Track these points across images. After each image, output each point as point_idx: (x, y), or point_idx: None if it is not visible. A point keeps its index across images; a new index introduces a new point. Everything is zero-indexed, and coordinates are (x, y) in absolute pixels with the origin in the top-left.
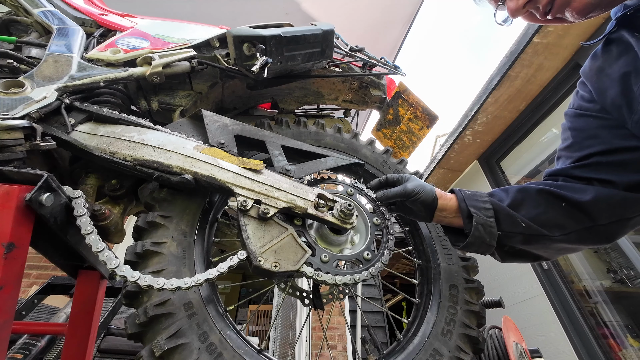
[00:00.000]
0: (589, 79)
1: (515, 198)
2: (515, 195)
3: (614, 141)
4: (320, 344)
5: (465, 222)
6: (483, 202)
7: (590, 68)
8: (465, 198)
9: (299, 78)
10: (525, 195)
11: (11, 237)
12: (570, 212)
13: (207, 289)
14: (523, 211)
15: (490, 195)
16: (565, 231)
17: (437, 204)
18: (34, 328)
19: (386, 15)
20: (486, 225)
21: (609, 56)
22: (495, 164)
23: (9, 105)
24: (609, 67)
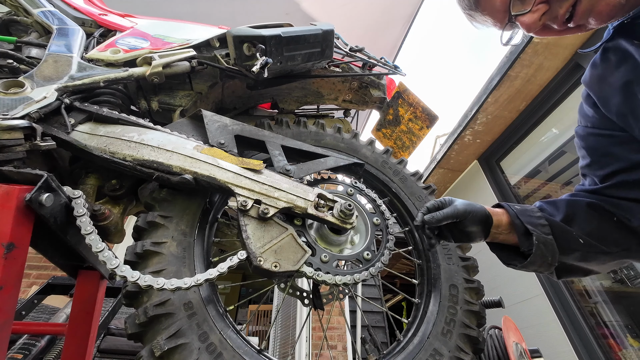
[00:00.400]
0: (592, 88)
1: (567, 212)
2: (567, 210)
3: (631, 157)
4: (320, 344)
5: (522, 239)
6: (537, 217)
7: (592, 77)
8: (518, 214)
9: (299, 78)
10: (576, 210)
11: (11, 237)
12: (622, 230)
13: (207, 289)
14: (576, 226)
15: (540, 210)
16: (622, 247)
17: (492, 220)
18: (34, 328)
19: (386, 15)
20: (547, 243)
21: (609, 65)
22: (495, 164)
23: (9, 105)
24: (610, 76)
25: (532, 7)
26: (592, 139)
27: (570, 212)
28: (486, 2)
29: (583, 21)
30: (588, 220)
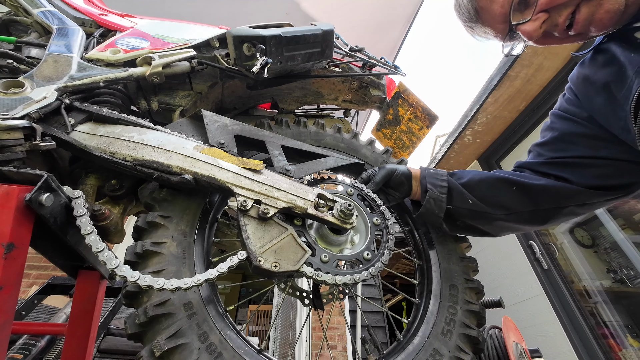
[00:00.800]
0: (576, 86)
1: (472, 179)
2: (472, 177)
3: (588, 150)
4: (320, 344)
5: (422, 195)
6: (441, 180)
7: (578, 76)
8: (427, 175)
9: (299, 78)
10: (484, 179)
11: (11, 237)
12: (518, 196)
13: (207, 289)
14: (476, 191)
15: (450, 175)
16: (508, 212)
17: (411, 175)
18: (34, 328)
19: (386, 15)
20: (437, 200)
21: (595, 65)
22: (495, 164)
23: (8, 106)
24: (593, 75)
25: (532, 16)
26: (565, 123)
27: (475, 179)
28: (486, 13)
29: (584, 29)
30: (488, 188)
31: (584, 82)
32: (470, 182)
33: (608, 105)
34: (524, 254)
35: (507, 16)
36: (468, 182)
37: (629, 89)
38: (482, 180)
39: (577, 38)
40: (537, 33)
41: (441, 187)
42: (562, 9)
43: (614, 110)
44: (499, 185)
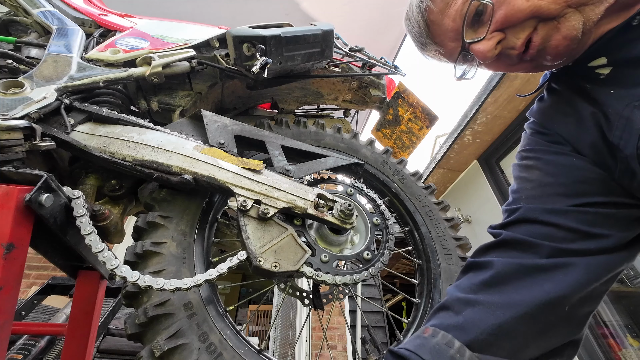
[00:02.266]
0: (547, 119)
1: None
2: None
3: (604, 192)
4: (320, 344)
5: None
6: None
7: (543, 109)
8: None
9: (299, 78)
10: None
11: (11, 237)
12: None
13: (207, 289)
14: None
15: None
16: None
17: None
18: (34, 328)
19: (386, 15)
20: None
21: (561, 100)
22: (495, 164)
23: (8, 106)
24: (569, 106)
25: (486, 35)
26: (561, 157)
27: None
28: (437, 28)
29: (538, 55)
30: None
31: (557, 114)
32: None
33: (602, 142)
34: None
35: (460, 33)
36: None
37: (624, 128)
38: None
39: (530, 65)
40: (492, 54)
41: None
42: (519, 31)
43: (609, 151)
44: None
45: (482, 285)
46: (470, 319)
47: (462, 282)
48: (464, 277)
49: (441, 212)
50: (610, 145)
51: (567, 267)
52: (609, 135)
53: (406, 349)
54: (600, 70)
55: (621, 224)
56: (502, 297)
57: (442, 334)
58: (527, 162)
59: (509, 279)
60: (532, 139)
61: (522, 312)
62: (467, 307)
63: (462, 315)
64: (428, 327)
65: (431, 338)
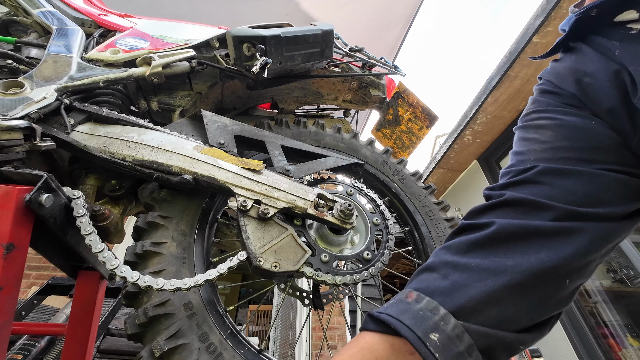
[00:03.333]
0: (563, 79)
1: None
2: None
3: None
4: (320, 344)
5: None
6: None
7: (558, 69)
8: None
9: (299, 78)
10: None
11: (11, 237)
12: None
13: (207, 290)
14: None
15: (436, 307)
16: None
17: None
18: (34, 329)
19: (386, 16)
20: None
21: (582, 56)
22: (495, 164)
23: (8, 106)
24: (589, 66)
25: None
26: (579, 119)
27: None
28: None
29: None
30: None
31: (574, 75)
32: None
33: (622, 105)
34: None
35: None
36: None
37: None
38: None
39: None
40: None
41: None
42: None
43: (629, 116)
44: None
45: (472, 245)
46: (457, 284)
47: (452, 243)
48: (455, 239)
49: (441, 212)
50: (633, 109)
51: (571, 233)
52: (633, 98)
53: (388, 314)
54: (631, 25)
55: (631, 193)
56: (493, 261)
57: (427, 299)
58: (537, 121)
59: (505, 241)
60: (542, 100)
61: (515, 281)
62: (455, 271)
63: (448, 280)
64: (412, 292)
65: (415, 304)
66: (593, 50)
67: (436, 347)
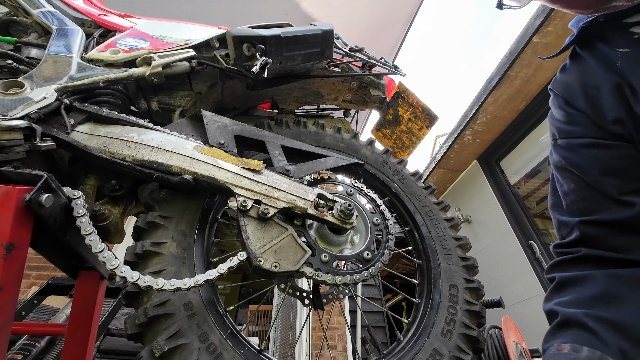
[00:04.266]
0: (572, 93)
1: None
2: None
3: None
4: (320, 344)
5: None
6: None
7: (566, 83)
8: None
9: (299, 78)
10: None
11: (11, 237)
12: None
13: (207, 290)
14: None
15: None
16: None
17: None
18: (34, 329)
19: (386, 15)
20: None
21: (587, 67)
22: (495, 164)
23: (8, 106)
24: (593, 79)
25: None
26: (582, 153)
27: None
28: None
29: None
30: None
31: (582, 88)
32: None
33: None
34: (524, 254)
35: None
36: None
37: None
38: None
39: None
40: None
41: None
42: None
43: (634, 125)
44: None
45: (593, 300)
46: (604, 336)
47: (565, 299)
48: (563, 294)
49: (441, 212)
50: (637, 118)
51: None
52: (636, 108)
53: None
54: (635, 28)
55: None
56: (624, 313)
57: (588, 349)
58: (559, 160)
59: (621, 292)
60: (557, 128)
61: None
62: (596, 323)
63: (594, 332)
64: (562, 345)
65: (575, 353)
66: (596, 62)
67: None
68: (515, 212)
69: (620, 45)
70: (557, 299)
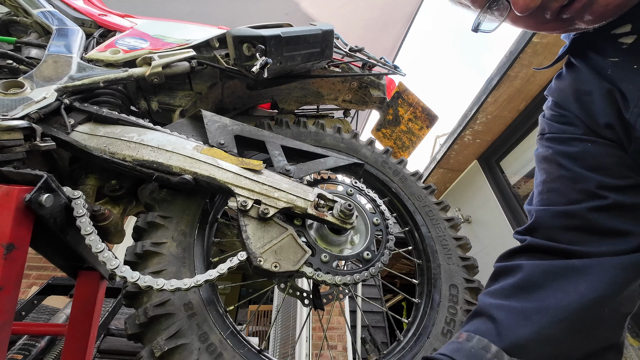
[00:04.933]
0: (565, 98)
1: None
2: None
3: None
4: (320, 344)
5: None
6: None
7: (561, 88)
8: None
9: (299, 78)
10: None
11: (11, 237)
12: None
13: (207, 290)
14: None
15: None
16: None
17: None
18: (34, 329)
19: (386, 15)
20: None
21: (580, 74)
22: (495, 164)
23: (8, 106)
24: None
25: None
26: (574, 145)
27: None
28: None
29: (581, 12)
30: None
31: (575, 94)
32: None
33: (617, 120)
34: None
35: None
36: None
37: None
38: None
39: (563, 25)
40: (535, 3)
41: None
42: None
43: (624, 131)
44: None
45: (513, 289)
46: (505, 325)
47: (493, 288)
48: (495, 284)
49: (441, 212)
50: (626, 124)
51: (599, 267)
52: (625, 113)
53: (441, 354)
54: (623, 39)
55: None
56: (535, 301)
57: (478, 338)
58: (544, 151)
59: (542, 282)
60: (548, 123)
61: (560, 317)
62: (501, 311)
63: (496, 321)
64: (462, 333)
65: (466, 342)
66: (589, 69)
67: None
68: (515, 212)
69: (610, 55)
70: (487, 289)
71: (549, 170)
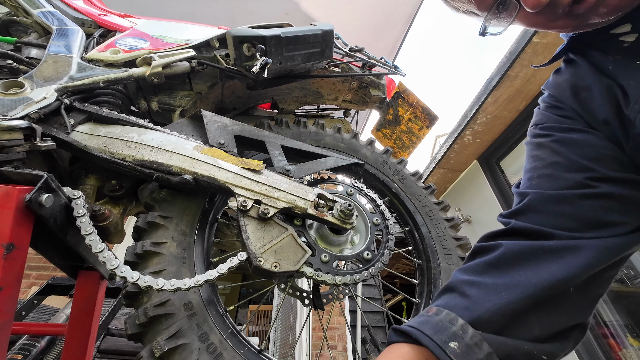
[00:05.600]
0: (562, 92)
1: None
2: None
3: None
4: (320, 344)
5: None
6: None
7: (559, 82)
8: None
9: (299, 78)
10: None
11: (11, 237)
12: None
13: (208, 290)
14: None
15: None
16: None
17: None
18: (34, 329)
19: (386, 16)
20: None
21: (579, 70)
22: (495, 164)
23: (8, 106)
24: (584, 80)
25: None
26: (573, 134)
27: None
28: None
29: (593, 8)
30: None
31: (572, 89)
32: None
33: (615, 117)
34: None
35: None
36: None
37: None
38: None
39: (573, 23)
40: (542, 3)
41: None
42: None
43: (622, 127)
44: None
45: (487, 266)
46: (474, 299)
47: (467, 265)
48: (470, 260)
49: (441, 212)
50: (625, 120)
51: (576, 249)
52: (625, 110)
53: (409, 326)
54: (624, 37)
55: (633, 209)
56: (507, 278)
57: (446, 312)
58: (539, 139)
59: (515, 261)
60: (544, 114)
61: (528, 293)
62: (472, 287)
63: (466, 295)
64: (432, 307)
65: (435, 316)
66: (589, 65)
67: (456, 355)
68: None
69: (611, 53)
70: (462, 265)
71: (542, 157)
